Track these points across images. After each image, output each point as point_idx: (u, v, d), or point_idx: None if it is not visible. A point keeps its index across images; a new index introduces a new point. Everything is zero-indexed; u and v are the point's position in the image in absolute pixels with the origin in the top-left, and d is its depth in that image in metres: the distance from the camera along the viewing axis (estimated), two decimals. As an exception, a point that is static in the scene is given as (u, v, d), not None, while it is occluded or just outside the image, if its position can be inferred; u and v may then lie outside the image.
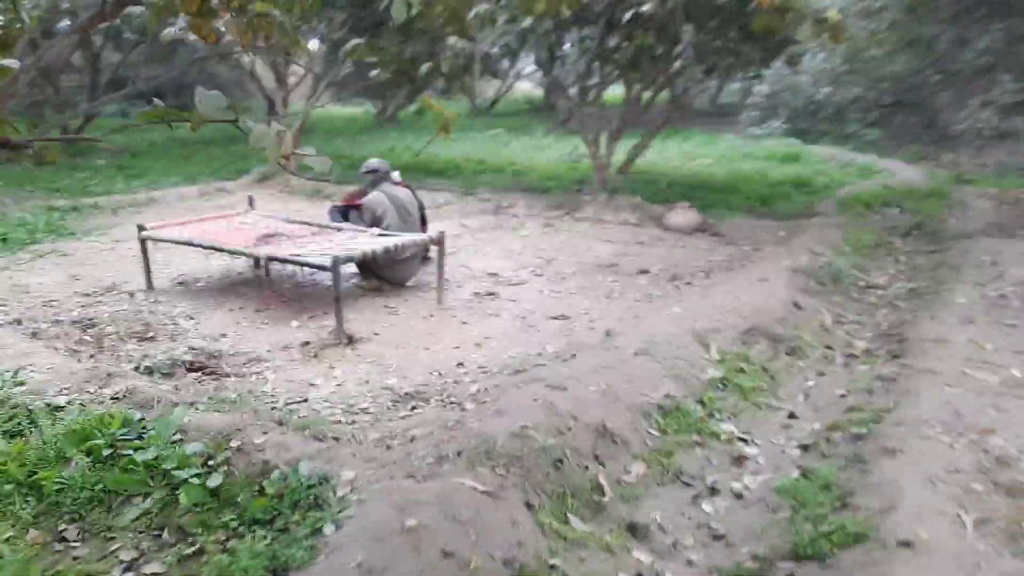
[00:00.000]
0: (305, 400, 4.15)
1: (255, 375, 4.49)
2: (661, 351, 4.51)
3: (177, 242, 5.81)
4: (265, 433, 3.43)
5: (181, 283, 6.26)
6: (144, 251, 5.91)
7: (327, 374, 4.53)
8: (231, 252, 5.56)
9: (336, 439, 3.44)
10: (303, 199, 10.29)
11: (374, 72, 8.42)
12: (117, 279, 6.20)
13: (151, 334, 5.02)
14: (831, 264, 6.70)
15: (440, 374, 4.56)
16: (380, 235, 5.94)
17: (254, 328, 5.27)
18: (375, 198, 6.36)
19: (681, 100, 9.57)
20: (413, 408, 4.06)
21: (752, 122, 17.93)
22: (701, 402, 4.13)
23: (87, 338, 4.88)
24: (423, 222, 7.06)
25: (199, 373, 4.44)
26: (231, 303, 5.74)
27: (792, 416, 4.21)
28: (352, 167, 12.93)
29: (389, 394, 4.24)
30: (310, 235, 6.01)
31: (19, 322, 5.16)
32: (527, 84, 27.67)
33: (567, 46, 9.70)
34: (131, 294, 5.87)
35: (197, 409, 3.67)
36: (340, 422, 3.82)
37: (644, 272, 6.97)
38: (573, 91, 10.00)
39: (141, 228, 5.93)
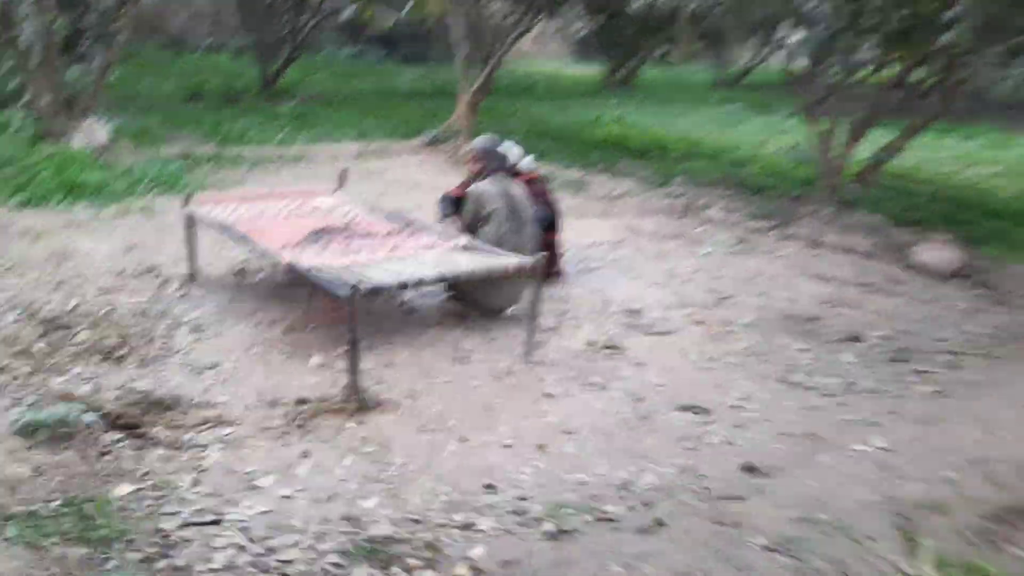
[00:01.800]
0: (217, 522, 2.67)
1: (192, 450, 3.08)
2: (819, 548, 2.52)
3: (211, 225, 4.57)
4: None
5: (237, 273, 5.05)
6: (188, 231, 4.75)
7: (288, 469, 3.02)
8: (257, 250, 4.22)
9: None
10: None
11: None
12: (169, 258, 5.11)
13: (125, 351, 3.79)
14: None
15: (449, 501, 2.90)
16: (465, 247, 4.33)
17: (261, 359, 3.89)
18: (483, 189, 4.71)
19: (956, 86, 6.90)
20: (354, 582, 2.45)
21: (1066, 122, 14.02)
22: None
23: (40, 347, 3.74)
24: (552, 229, 5.34)
25: (122, 434, 3.11)
26: (265, 313, 4.41)
27: None
28: (544, 135, 11.35)
29: (345, 535, 2.64)
30: (382, 235, 4.52)
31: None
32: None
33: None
34: (164, 282, 4.74)
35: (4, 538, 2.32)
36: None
37: (854, 340, 4.78)
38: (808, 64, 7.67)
39: (186, 201, 4.76)
